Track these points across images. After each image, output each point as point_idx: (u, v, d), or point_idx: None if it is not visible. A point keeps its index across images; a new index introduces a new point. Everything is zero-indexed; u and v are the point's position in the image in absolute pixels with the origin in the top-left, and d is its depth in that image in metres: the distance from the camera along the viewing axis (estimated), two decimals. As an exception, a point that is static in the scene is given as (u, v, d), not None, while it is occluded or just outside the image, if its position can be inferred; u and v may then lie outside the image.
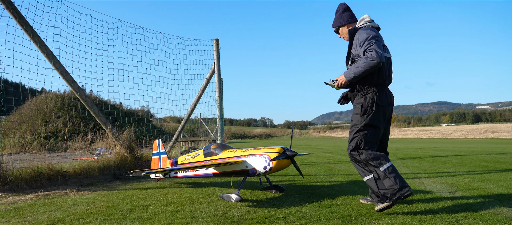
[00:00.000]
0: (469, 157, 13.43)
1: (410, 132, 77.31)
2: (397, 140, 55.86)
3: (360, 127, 4.38)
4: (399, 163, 11.26)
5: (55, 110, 20.02)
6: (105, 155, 9.21)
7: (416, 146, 26.92)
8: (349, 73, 4.27)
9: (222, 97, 11.00)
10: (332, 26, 4.91)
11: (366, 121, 4.36)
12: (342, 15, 4.78)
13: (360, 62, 4.17)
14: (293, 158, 5.21)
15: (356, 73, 4.20)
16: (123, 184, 7.56)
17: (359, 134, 4.40)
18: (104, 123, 8.73)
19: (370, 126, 4.37)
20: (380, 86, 4.41)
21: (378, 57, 4.08)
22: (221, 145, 6.25)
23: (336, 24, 4.83)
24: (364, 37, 4.26)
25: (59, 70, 7.82)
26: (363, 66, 4.13)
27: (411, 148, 22.10)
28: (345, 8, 4.81)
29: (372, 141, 4.41)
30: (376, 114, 4.37)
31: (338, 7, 4.86)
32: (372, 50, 4.12)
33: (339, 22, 4.79)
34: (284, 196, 5.64)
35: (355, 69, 4.20)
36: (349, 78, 4.29)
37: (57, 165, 7.85)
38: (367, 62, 4.10)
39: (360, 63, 4.16)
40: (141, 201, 5.41)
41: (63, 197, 5.98)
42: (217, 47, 10.94)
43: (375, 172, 4.31)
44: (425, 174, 8.11)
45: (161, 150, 7.50)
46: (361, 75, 4.21)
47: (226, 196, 5.33)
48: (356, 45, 4.38)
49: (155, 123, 26.27)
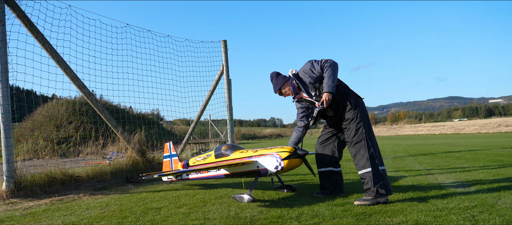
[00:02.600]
0: (483, 151, 13.28)
1: (421, 128, 76.63)
2: (409, 136, 55.40)
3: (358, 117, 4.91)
4: (412, 159, 11.18)
5: (67, 116, 20.25)
6: (117, 159, 9.28)
7: (428, 142, 26.69)
8: (329, 85, 4.84)
9: (231, 98, 11.02)
10: (274, 91, 5.53)
11: (360, 112, 4.93)
12: (278, 79, 5.45)
13: (328, 72, 4.86)
14: (305, 157, 5.19)
15: (334, 80, 4.86)
16: (135, 187, 7.62)
17: (361, 124, 4.88)
18: (115, 127, 8.80)
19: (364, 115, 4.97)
20: (348, 87, 5.15)
21: (335, 61, 4.91)
22: (232, 146, 6.26)
23: (276, 87, 5.49)
24: (310, 64, 5.03)
25: (70, 76, 7.91)
26: (333, 73, 4.87)
27: (423, 144, 21.91)
28: (276, 74, 5.52)
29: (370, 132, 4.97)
30: (363, 106, 5.06)
31: (271, 76, 5.55)
32: (327, 61, 4.90)
33: (278, 84, 5.46)
34: (296, 195, 5.63)
35: (330, 79, 4.84)
36: (332, 88, 4.84)
37: (70, 170, 7.94)
38: (332, 68, 4.87)
39: (329, 73, 4.85)
40: (154, 204, 5.44)
41: (77, 201, 6.04)
42: (225, 49, 10.97)
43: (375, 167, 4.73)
44: (439, 170, 8.04)
45: (172, 152, 7.53)
46: (335, 80, 4.88)
47: (238, 196, 5.34)
48: (309, 74, 5.04)
49: (165, 126, 26.41)
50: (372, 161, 4.73)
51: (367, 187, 4.70)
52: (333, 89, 4.82)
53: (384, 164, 4.88)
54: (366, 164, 4.73)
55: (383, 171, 4.75)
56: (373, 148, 4.81)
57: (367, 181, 4.69)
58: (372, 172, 4.67)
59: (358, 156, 4.85)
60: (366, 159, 4.74)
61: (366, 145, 4.79)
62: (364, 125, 4.88)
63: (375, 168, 4.71)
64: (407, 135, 62.45)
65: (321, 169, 5.51)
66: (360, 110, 4.94)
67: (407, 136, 57.53)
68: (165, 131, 18.61)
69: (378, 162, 4.76)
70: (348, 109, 4.97)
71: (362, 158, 4.79)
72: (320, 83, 5.03)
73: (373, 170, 4.68)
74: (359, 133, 4.86)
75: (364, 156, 4.77)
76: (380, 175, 4.69)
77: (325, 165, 5.46)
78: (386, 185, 4.66)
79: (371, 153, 4.76)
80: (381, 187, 4.62)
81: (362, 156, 4.79)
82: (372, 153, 4.77)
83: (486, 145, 17.49)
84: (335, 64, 4.89)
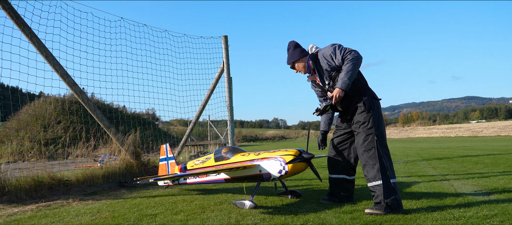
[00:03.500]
0: (503, 156, 13.24)
1: (436, 130, 76.52)
2: (422, 139, 55.32)
3: (370, 122, 4.75)
4: (425, 164, 11.15)
5: (55, 115, 20.28)
6: (109, 161, 9.28)
7: (443, 145, 26.64)
8: (343, 82, 4.61)
9: (232, 97, 11.02)
10: (287, 63, 5.36)
11: (374, 116, 4.78)
12: (295, 51, 5.28)
13: (348, 66, 4.60)
14: (310, 161, 5.19)
15: (350, 77, 4.60)
16: (129, 192, 7.62)
17: (373, 131, 4.73)
18: (108, 127, 8.81)
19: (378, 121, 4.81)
20: (367, 84, 4.99)
21: (359, 55, 4.63)
22: (233, 149, 6.26)
23: (291, 60, 5.30)
24: (332, 49, 4.80)
25: (60, 72, 7.91)
26: (352, 68, 4.59)
27: (437, 148, 21.87)
28: (295, 45, 5.34)
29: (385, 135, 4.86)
30: (378, 108, 4.89)
31: (289, 45, 5.37)
32: (350, 52, 4.63)
33: (294, 58, 5.26)
34: (301, 201, 5.63)
35: (346, 75, 4.59)
36: (345, 86, 4.62)
37: (59, 174, 7.94)
38: (354, 62, 4.59)
39: (348, 67, 4.59)
40: (149, 210, 5.44)
41: (66, 207, 6.04)
42: (226, 45, 10.97)
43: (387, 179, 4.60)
44: (455, 176, 8.01)
45: (169, 155, 7.54)
46: (353, 77, 4.63)
47: (239, 202, 5.33)
48: (328, 61, 4.83)
49: (161, 126, 26.45)
50: (383, 173, 4.61)
51: (377, 201, 4.61)
52: (347, 87, 4.63)
53: (396, 176, 4.78)
54: (376, 176, 4.62)
55: (394, 184, 4.62)
56: (385, 158, 4.67)
57: (378, 195, 4.60)
58: (382, 185, 4.56)
59: (367, 166, 4.74)
60: (376, 170, 4.62)
61: (377, 154, 4.67)
62: (376, 132, 4.74)
63: (386, 180, 4.58)
64: (420, 138, 62.32)
65: (332, 176, 5.41)
66: (373, 114, 4.79)
67: (420, 139, 57.44)
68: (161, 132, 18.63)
69: (390, 173, 4.63)
70: (360, 111, 4.84)
71: (371, 169, 4.68)
72: (337, 73, 4.83)
73: (384, 183, 4.56)
74: (369, 141, 4.73)
75: (374, 167, 4.65)
76: (391, 188, 4.56)
77: (338, 172, 5.34)
78: (397, 200, 4.54)
79: (382, 163, 4.63)
80: (393, 202, 4.51)
81: (372, 166, 4.68)
82: (383, 163, 4.63)
83: (507, 149, 17.44)
84: (359, 58, 4.63)
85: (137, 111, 23.69)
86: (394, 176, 4.66)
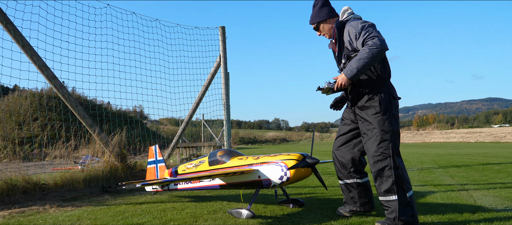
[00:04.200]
0: (527, 164, 13.25)
1: (454, 135, 76.53)
2: (438, 144, 55.35)
3: (385, 127, 4.44)
4: (442, 172, 11.17)
5: (31, 111, 20.29)
6: (91, 164, 9.28)
7: (462, 151, 26.66)
8: (351, 69, 4.33)
9: (229, 95, 11.02)
10: (310, 23, 5.07)
11: (389, 120, 4.46)
12: (322, 10, 4.97)
13: (362, 53, 4.25)
14: (315, 166, 5.20)
15: (359, 67, 4.28)
16: (113, 198, 7.62)
17: (388, 136, 4.43)
18: (90, 126, 8.80)
19: (394, 125, 4.50)
20: (389, 78, 4.65)
21: (382, 44, 4.20)
22: (229, 152, 6.27)
23: (315, 20, 5.00)
24: (359, 27, 4.41)
25: (38, 64, 7.90)
26: (366, 57, 4.22)
27: (456, 154, 21.89)
28: (324, 2, 4.99)
29: (398, 144, 4.52)
30: (395, 110, 4.56)
31: (315, 1, 5.02)
32: (373, 38, 4.24)
33: (320, 17, 4.95)
34: (304, 211, 5.63)
35: (357, 62, 4.28)
36: (351, 75, 4.35)
37: (34, 176, 7.93)
38: (371, 51, 4.20)
39: (362, 55, 4.24)
40: (135, 219, 5.45)
41: (42, 214, 6.04)
42: (223, 37, 10.97)
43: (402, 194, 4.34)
44: (474, 186, 8.03)
45: (158, 157, 7.54)
46: (364, 68, 4.30)
47: (235, 211, 5.34)
48: (350, 38, 4.52)
49: (149, 126, 26.40)
50: (399, 186, 4.35)
51: (390, 216, 4.39)
52: (354, 77, 4.37)
53: (412, 188, 4.53)
54: (391, 190, 4.35)
55: (411, 198, 4.39)
56: (401, 169, 4.40)
57: (391, 211, 4.36)
58: (398, 201, 4.31)
59: (380, 178, 4.46)
60: (391, 183, 4.35)
61: (392, 165, 4.37)
62: (392, 138, 4.44)
63: (402, 196, 4.34)
64: (436, 143, 62.34)
65: (342, 182, 5.17)
66: (390, 117, 4.47)
67: (436, 144, 57.47)
68: (149, 132, 18.61)
69: (406, 187, 4.39)
70: (373, 111, 4.50)
71: (385, 182, 4.40)
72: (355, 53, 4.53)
73: (399, 199, 4.31)
74: (384, 148, 4.42)
75: (389, 179, 4.37)
76: (408, 204, 4.33)
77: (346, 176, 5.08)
78: (413, 216, 4.34)
79: (398, 175, 4.36)
80: (408, 219, 4.30)
81: (386, 179, 4.40)
82: (399, 175, 4.37)
83: (531, 157, 17.45)
84: (380, 48, 4.19)
85: (123, 109, 23.64)
86: (410, 188, 4.43)
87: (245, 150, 47.84)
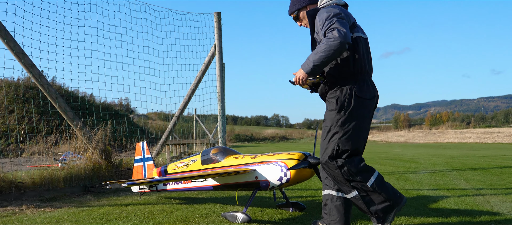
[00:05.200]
0: (549, 168, 13.30)
1: (470, 135, 76.78)
2: (453, 145, 55.52)
3: (337, 127, 4.31)
4: (456, 175, 11.21)
5: (7, 103, 20.24)
6: (72, 161, 9.27)
7: (478, 153, 26.75)
8: (307, 64, 4.23)
9: (224, 87, 11.03)
10: (289, 12, 4.96)
11: (344, 119, 4.30)
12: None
13: (320, 46, 4.12)
14: (317, 167, 5.20)
15: (316, 62, 4.15)
16: (96, 199, 7.63)
17: (336, 138, 4.31)
18: (72, 120, 8.80)
19: (349, 125, 4.30)
20: (359, 74, 4.41)
21: (340, 37, 4.01)
22: (224, 150, 6.27)
23: (294, 8, 4.88)
24: (324, 17, 4.26)
25: (14, 51, 7.88)
26: (322, 50, 4.08)
27: (471, 156, 21.96)
28: None
29: (353, 146, 4.32)
30: (357, 110, 4.32)
31: None
32: (333, 30, 4.08)
33: (298, 5, 4.84)
34: (305, 215, 5.65)
35: (314, 56, 4.16)
36: (308, 70, 4.24)
37: (10, 174, 7.93)
38: (328, 44, 4.04)
39: (319, 48, 4.12)
40: (120, 221, 5.45)
41: (18, 216, 6.04)
42: (219, 23, 10.95)
43: (361, 188, 4.24)
44: (491, 190, 8.05)
45: (146, 155, 7.54)
46: (322, 63, 4.15)
47: (230, 215, 5.34)
48: (317, 29, 4.41)
49: (136, 120, 26.41)
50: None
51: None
52: (310, 72, 4.26)
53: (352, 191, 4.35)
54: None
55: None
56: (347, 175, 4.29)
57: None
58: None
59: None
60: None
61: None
62: (340, 140, 4.30)
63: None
64: (450, 143, 62.55)
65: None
66: (347, 117, 4.33)
67: (450, 145, 57.64)
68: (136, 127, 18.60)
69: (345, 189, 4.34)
70: (329, 108, 4.45)
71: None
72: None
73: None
74: (326, 152, 4.36)
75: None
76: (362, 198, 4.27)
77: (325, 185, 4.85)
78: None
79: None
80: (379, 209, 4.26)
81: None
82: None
83: (554, 160, 17.51)
84: (337, 41, 4.02)
85: (108, 101, 23.63)
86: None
87: (241, 148, 47.87)
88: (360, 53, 4.40)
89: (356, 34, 4.43)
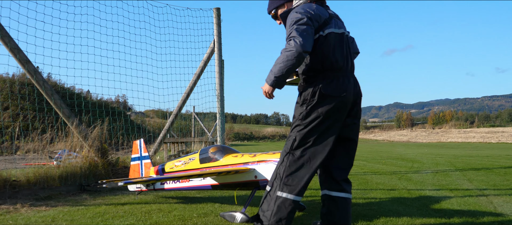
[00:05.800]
0: (554, 168, 13.30)
1: (473, 134, 76.79)
2: (456, 145, 55.52)
3: (298, 121, 4.31)
4: (459, 175, 11.21)
5: (1, 99, 20.20)
6: (68, 159, 9.28)
7: (482, 153, 26.75)
8: (270, 77, 4.21)
9: (223, 85, 11.02)
10: (268, 11, 4.92)
11: (305, 113, 4.27)
12: None
13: (278, 57, 4.14)
14: (319, 166, 5.20)
15: (277, 73, 4.13)
16: (92, 198, 7.63)
17: (295, 131, 4.33)
18: (68, 117, 8.79)
19: (310, 120, 4.26)
20: (328, 71, 4.32)
21: (296, 47, 4.01)
22: (223, 148, 6.27)
23: (272, 6, 4.85)
24: (289, 22, 4.26)
25: (9, 46, 7.88)
26: (281, 61, 4.09)
27: (475, 156, 21.96)
28: None
29: (311, 146, 4.28)
30: (320, 106, 4.23)
31: None
32: (290, 39, 4.10)
33: (275, 3, 4.80)
34: (305, 216, 5.65)
35: (274, 68, 4.15)
36: (271, 83, 4.20)
37: (4, 172, 7.93)
38: (285, 54, 4.06)
39: (278, 59, 4.13)
40: (116, 221, 5.45)
41: (12, 215, 6.04)
42: (218, 19, 10.94)
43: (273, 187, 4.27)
44: (495, 191, 8.06)
45: (143, 153, 7.54)
46: (283, 74, 4.12)
47: (229, 215, 5.35)
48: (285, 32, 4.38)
49: (134, 118, 26.40)
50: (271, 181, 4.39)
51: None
52: (274, 84, 4.22)
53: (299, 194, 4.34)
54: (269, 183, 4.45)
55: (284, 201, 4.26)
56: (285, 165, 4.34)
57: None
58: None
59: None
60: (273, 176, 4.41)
61: (281, 159, 4.40)
62: (300, 132, 4.31)
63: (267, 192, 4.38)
64: (453, 143, 62.55)
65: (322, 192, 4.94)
66: (308, 111, 4.29)
67: (453, 144, 57.64)
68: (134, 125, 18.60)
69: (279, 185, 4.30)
70: (297, 101, 4.46)
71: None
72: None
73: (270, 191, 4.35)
74: (286, 144, 4.41)
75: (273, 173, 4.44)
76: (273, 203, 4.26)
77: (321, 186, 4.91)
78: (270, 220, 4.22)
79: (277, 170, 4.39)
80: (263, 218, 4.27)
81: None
82: (277, 170, 4.37)
83: (559, 160, 17.51)
84: (294, 50, 4.03)
85: (105, 98, 23.67)
86: (291, 191, 4.27)
87: (240, 147, 47.84)
88: (330, 50, 4.31)
89: (328, 30, 4.34)
